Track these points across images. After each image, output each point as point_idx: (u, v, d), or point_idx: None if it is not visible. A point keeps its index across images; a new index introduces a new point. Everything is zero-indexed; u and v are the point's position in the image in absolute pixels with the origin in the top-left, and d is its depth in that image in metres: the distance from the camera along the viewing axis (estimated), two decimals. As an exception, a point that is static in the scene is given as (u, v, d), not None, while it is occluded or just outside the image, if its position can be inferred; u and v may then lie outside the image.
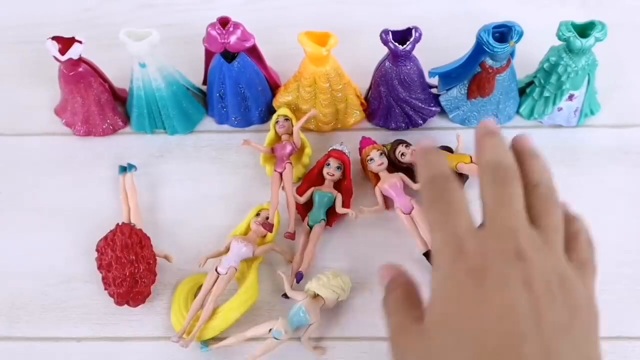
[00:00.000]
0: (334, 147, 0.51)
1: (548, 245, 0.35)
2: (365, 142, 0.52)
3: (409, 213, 0.49)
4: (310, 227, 0.49)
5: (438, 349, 0.32)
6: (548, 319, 0.31)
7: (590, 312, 0.34)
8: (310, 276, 0.47)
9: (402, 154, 0.51)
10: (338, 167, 0.51)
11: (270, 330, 0.44)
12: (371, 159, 0.51)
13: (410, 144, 0.52)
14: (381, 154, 0.51)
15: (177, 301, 0.47)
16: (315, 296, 0.46)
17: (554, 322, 0.32)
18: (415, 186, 0.50)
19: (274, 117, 0.53)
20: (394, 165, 0.52)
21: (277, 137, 0.53)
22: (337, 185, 0.51)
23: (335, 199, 0.50)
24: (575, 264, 0.36)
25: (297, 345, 0.46)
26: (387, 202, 0.51)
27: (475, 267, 0.32)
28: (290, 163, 0.51)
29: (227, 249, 0.48)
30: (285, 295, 0.47)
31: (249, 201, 0.51)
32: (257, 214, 0.49)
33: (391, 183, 0.50)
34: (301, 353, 0.45)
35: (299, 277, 0.47)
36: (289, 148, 0.52)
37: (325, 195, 0.50)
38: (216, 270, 0.47)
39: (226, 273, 0.47)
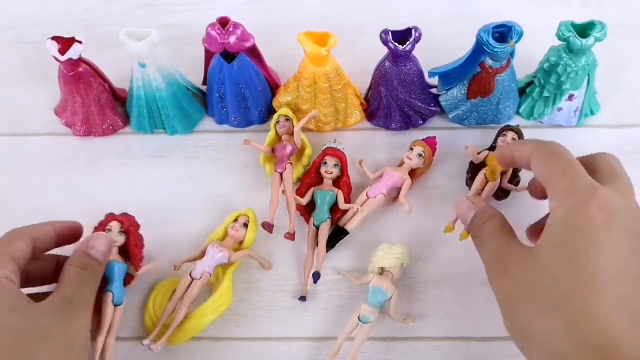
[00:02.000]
0: (328, 145, 0.52)
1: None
2: (432, 141, 0.53)
3: (371, 197, 0.50)
4: (317, 227, 0.49)
5: (553, 269, 0.35)
6: None
7: None
8: (323, 274, 0.48)
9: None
10: (335, 165, 0.51)
11: (358, 317, 0.44)
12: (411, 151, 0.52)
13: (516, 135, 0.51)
14: (420, 155, 0.51)
15: (151, 304, 0.47)
16: (380, 273, 0.46)
17: None
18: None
19: (275, 117, 0.53)
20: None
21: (278, 137, 0.53)
22: (336, 181, 0.51)
23: (337, 196, 0.50)
24: None
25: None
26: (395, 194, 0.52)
27: (606, 206, 0.36)
28: (291, 163, 0.51)
29: (203, 254, 0.47)
30: (302, 298, 0.47)
31: (249, 201, 0.51)
32: (235, 220, 0.49)
33: (393, 172, 0.51)
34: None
35: (316, 277, 0.47)
36: (289, 148, 0.52)
37: (326, 194, 0.50)
38: (190, 275, 0.46)
39: (200, 278, 0.46)
